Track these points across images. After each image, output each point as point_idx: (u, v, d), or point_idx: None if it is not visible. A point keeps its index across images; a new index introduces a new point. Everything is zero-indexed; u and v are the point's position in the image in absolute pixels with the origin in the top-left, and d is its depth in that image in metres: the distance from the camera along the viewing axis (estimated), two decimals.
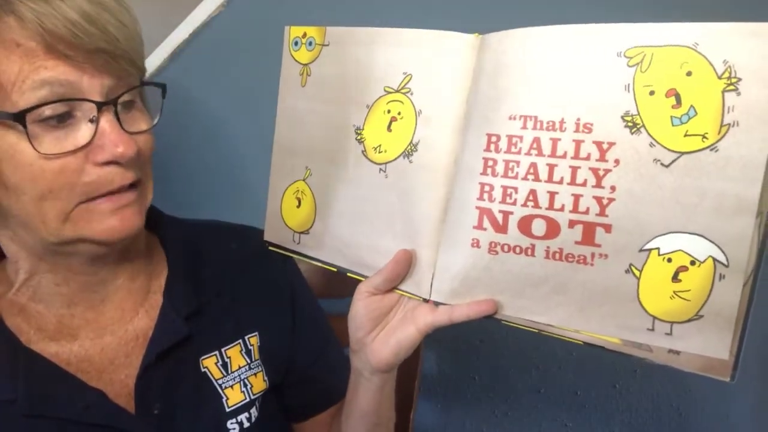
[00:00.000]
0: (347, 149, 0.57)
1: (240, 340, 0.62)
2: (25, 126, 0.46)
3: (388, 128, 0.55)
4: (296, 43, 0.61)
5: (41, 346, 0.54)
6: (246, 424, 0.59)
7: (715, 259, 0.42)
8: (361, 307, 0.55)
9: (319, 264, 0.61)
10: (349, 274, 0.59)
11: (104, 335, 0.57)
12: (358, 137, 0.57)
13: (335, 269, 0.60)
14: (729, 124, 0.40)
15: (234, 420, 0.59)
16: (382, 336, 0.55)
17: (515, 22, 0.50)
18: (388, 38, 0.54)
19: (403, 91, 0.54)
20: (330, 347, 0.69)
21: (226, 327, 0.61)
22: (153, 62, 0.84)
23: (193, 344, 0.58)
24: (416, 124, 0.53)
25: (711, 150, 0.41)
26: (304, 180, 0.61)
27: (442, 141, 0.52)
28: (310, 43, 0.60)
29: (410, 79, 0.53)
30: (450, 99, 0.51)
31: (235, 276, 0.64)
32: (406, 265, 0.53)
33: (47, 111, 0.46)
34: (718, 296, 0.42)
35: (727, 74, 0.40)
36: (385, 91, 0.55)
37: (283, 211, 0.63)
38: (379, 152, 0.55)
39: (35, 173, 0.47)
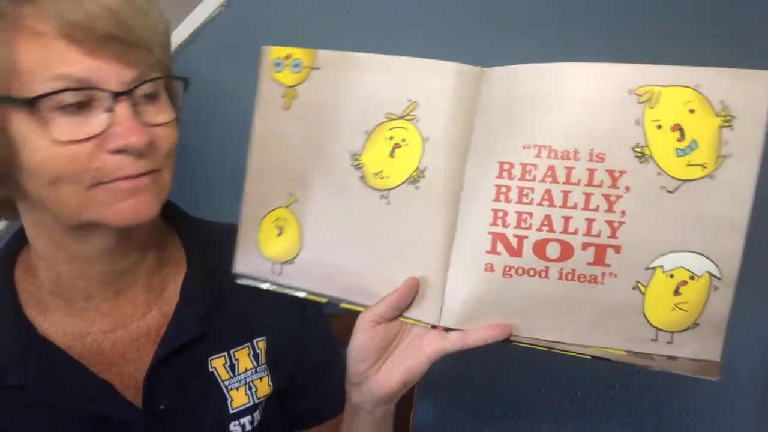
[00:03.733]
0: (342, 175, 0.56)
1: (249, 344, 0.62)
2: (38, 112, 0.46)
3: (391, 154, 0.54)
4: (278, 65, 0.58)
5: (56, 336, 0.55)
6: (248, 427, 0.60)
7: (711, 274, 0.48)
8: (367, 338, 0.53)
9: (303, 295, 0.58)
10: (342, 305, 0.57)
11: (117, 329, 0.57)
12: (356, 163, 0.55)
13: (324, 300, 0.58)
14: (724, 156, 0.46)
15: (237, 422, 0.59)
16: (387, 366, 0.54)
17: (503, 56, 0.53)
18: (391, 66, 0.54)
19: (407, 118, 0.54)
20: (336, 360, 0.68)
21: (237, 329, 0.62)
22: None
23: (204, 344, 0.59)
24: (423, 151, 0.53)
25: (709, 178, 0.47)
26: (286, 207, 0.58)
27: (450, 167, 0.53)
28: (296, 65, 0.57)
29: (415, 106, 0.54)
30: (457, 127, 0.52)
31: None
32: (414, 292, 0.53)
33: (66, 98, 0.47)
34: (712, 306, 0.48)
35: (723, 113, 0.46)
36: (386, 117, 0.54)
37: (260, 241, 0.59)
38: (381, 178, 0.55)
39: (47, 158, 0.47)
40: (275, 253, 0.59)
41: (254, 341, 0.63)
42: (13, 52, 0.46)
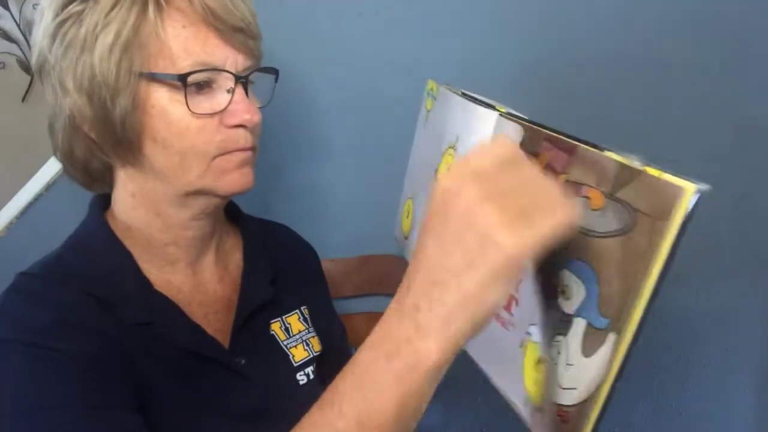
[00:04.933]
0: (429, 184, 0.72)
1: (297, 310, 0.71)
2: (186, 87, 0.53)
3: None
4: (428, 94, 0.77)
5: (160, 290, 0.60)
6: (311, 376, 0.69)
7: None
8: None
9: None
10: None
11: (197, 293, 0.63)
12: (435, 175, 0.71)
13: None
14: None
15: (302, 372, 0.68)
16: None
17: None
18: (458, 104, 0.66)
19: (452, 148, 0.65)
20: (345, 334, 0.81)
21: (287, 299, 0.71)
22: None
23: (265, 310, 0.67)
24: None
25: None
26: (411, 198, 0.79)
27: None
28: (430, 95, 0.75)
29: (457, 140, 0.65)
30: None
31: (288, 262, 0.75)
32: None
33: (201, 77, 0.54)
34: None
35: None
36: (448, 144, 0.67)
37: (402, 217, 0.82)
38: None
39: (182, 130, 0.54)
40: (404, 229, 0.81)
41: (301, 308, 0.72)
42: (165, 33, 0.52)
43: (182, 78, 0.53)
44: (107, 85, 0.53)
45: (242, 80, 0.57)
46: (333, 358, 0.73)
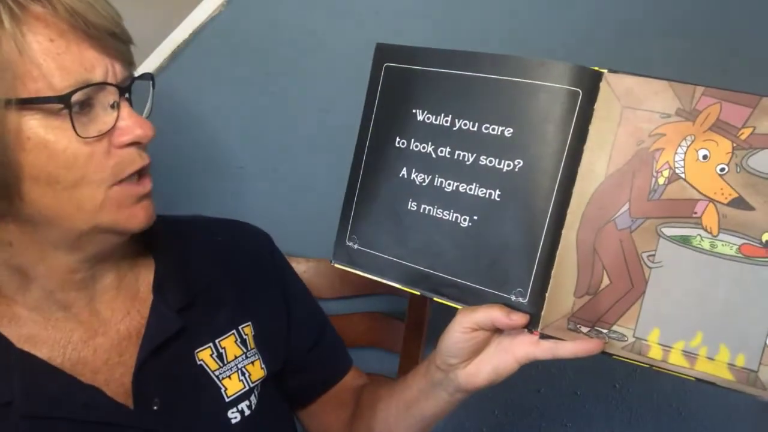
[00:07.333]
0: None
1: (234, 331, 0.61)
2: (71, 110, 0.46)
3: None
4: None
5: (34, 350, 0.52)
6: (247, 412, 0.59)
7: None
8: (463, 339, 0.54)
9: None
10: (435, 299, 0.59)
11: (96, 336, 0.55)
12: None
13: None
14: None
15: (234, 409, 0.59)
16: (475, 364, 0.55)
17: None
18: None
19: None
20: (326, 329, 0.72)
21: (219, 318, 0.61)
22: (153, 62, 0.84)
23: (187, 337, 0.58)
24: None
25: None
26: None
27: None
28: None
29: None
30: None
31: (223, 267, 0.63)
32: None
33: (79, 97, 0.46)
34: None
35: None
36: None
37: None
38: None
39: (69, 160, 0.46)
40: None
41: (240, 328, 0.61)
42: (30, 50, 0.44)
43: (65, 99, 0.45)
44: None
45: (126, 93, 0.50)
46: (296, 371, 0.67)
